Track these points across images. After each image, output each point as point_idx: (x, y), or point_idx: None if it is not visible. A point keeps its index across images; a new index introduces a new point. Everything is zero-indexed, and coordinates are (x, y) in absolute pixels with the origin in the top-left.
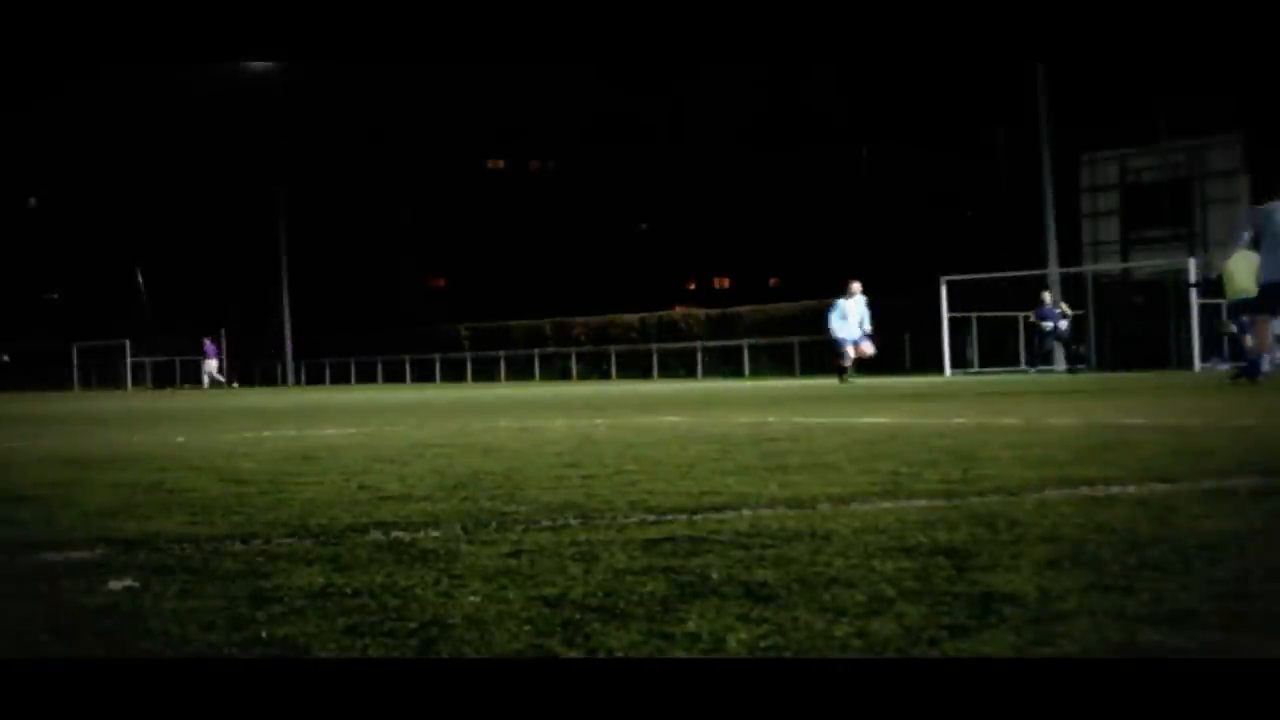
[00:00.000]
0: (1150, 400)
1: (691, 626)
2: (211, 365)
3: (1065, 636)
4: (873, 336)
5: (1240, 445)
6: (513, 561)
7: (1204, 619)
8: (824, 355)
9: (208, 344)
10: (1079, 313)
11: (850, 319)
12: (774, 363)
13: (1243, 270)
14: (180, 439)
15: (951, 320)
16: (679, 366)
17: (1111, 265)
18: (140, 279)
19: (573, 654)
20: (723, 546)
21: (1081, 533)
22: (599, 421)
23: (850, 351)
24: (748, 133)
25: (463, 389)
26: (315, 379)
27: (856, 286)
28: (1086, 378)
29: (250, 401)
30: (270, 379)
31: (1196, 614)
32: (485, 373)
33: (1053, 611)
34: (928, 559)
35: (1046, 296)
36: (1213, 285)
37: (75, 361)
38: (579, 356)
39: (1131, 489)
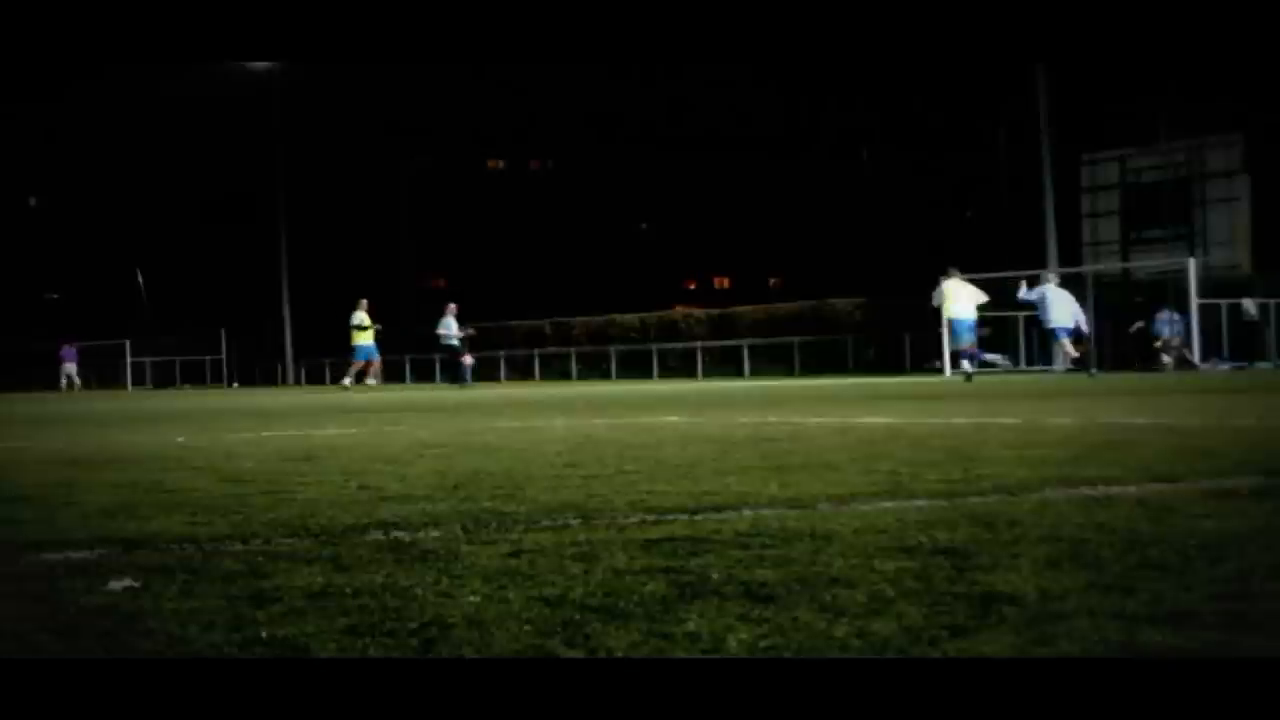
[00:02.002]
0: (1150, 400)
1: (691, 626)
2: (70, 368)
3: (1065, 636)
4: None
5: (1240, 445)
6: (513, 561)
7: (1204, 619)
8: (824, 355)
9: (65, 347)
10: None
11: (1062, 307)
12: (774, 363)
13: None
14: (180, 439)
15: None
16: (679, 366)
17: (1111, 265)
18: (140, 279)
19: (573, 654)
20: (723, 546)
21: (1081, 533)
22: (599, 421)
23: (1068, 344)
24: (748, 133)
25: (463, 389)
26: (315, 379)
27: (1052, 276)
28: (1086, 378)
29: (250, 401)
30: (270, 379)
31: (1196, 614)
32: (485, 373)
33: (1053, 611)
34: (928, 559)
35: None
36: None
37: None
38: (579, 356)
39: (1131, 489)
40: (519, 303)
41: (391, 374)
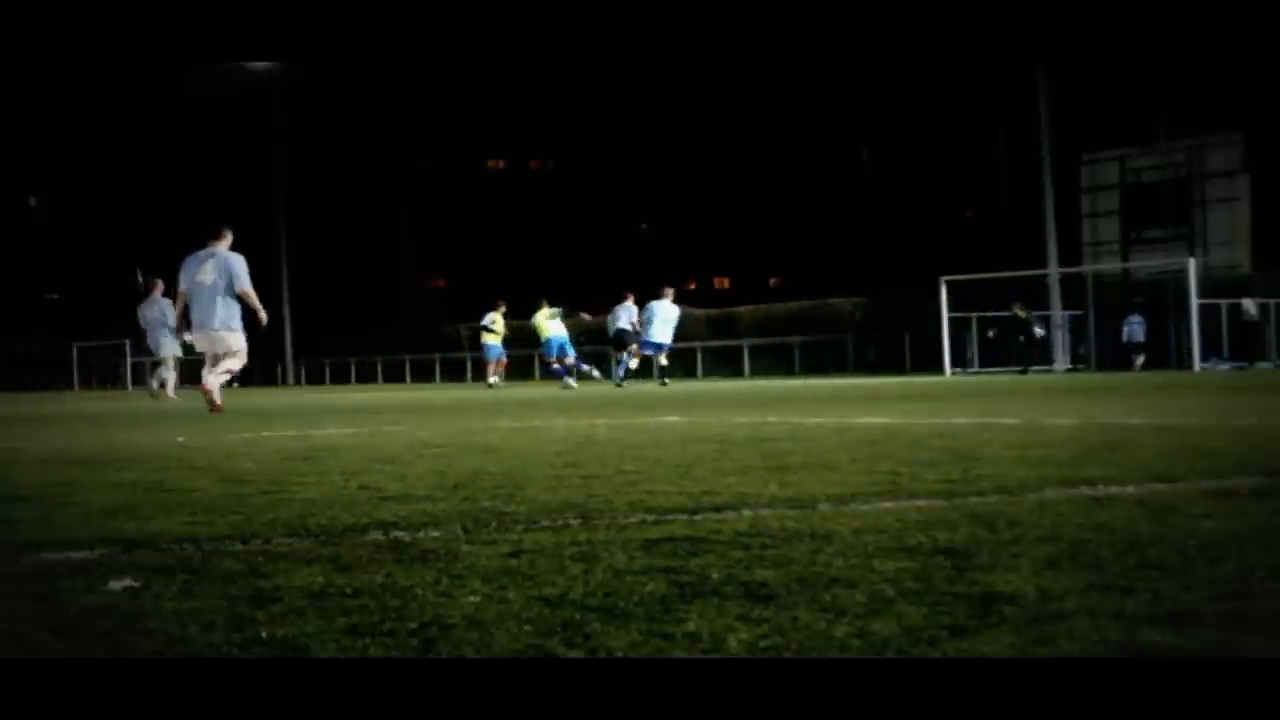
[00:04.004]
0: (1150, 400)
1: (691, 626)
2: None
3: (1065, 636)
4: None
5: (1240, 445)
6: (513, 561)
7: (1204, 619)
8: (824, 355)
9: None
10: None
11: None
12: (774, 363)
13: (544, 322)
14: (180, 439)
15: (951, 320)
16: (679, 366)
17: (1111, 265)
18: (140, 279)
19: (573, 654)
20: (723, 546)
21: (1081, 533)
22: (599, 421)
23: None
24: (748, 133)
25: (463, 389)
26: (315, 379)
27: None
28: (1086, 377)
29: (250, 401)
30: (270, 379)
31: (1196, 614)
32: (485, 372)
33: (1053, 611)
34: (928, 559)
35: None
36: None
37: (75, 361)
38: (578, 356)
39: (1131, 489)
40: (518, 303)
41: (392, 374)
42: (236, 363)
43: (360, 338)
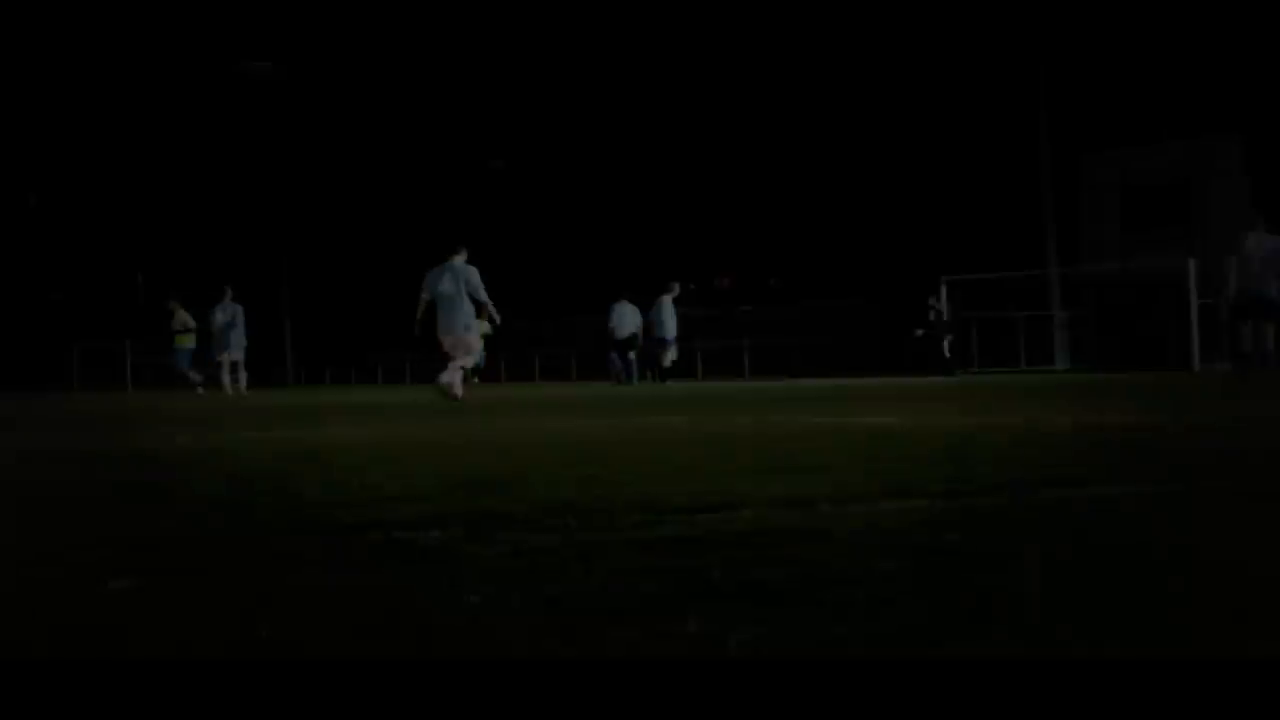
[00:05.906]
0: (1149, 400)
1: (691, 626)
2: None
3: (1065, 637)
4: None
5: (1235, 445)
6: (513, 561)
7: (1202, 619)
8: (824, 355)
9: None
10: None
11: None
12: (774, 363)
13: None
14: (180, 439)
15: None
16: (680, 366)
17: (1112, 265)
18: (140, 279)
19: (573, 654)
20: (723, 546)
21: (1080, 533)
22: (599, 421)
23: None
24: (748, 133)
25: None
26: (315, 379)
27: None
28: (1086, 377)
29: (250, 401)
30: (270, 379)
31: (1194, 613)
32: (485, 372)
33: (1052, 611)
34: (928, 559)
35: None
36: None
37: (75, 361)
38: (579, 356)
39: (1131, 489)
40: (519, 303)
41: (392, 374)
42: (470, 359)
43: (360, 338)
